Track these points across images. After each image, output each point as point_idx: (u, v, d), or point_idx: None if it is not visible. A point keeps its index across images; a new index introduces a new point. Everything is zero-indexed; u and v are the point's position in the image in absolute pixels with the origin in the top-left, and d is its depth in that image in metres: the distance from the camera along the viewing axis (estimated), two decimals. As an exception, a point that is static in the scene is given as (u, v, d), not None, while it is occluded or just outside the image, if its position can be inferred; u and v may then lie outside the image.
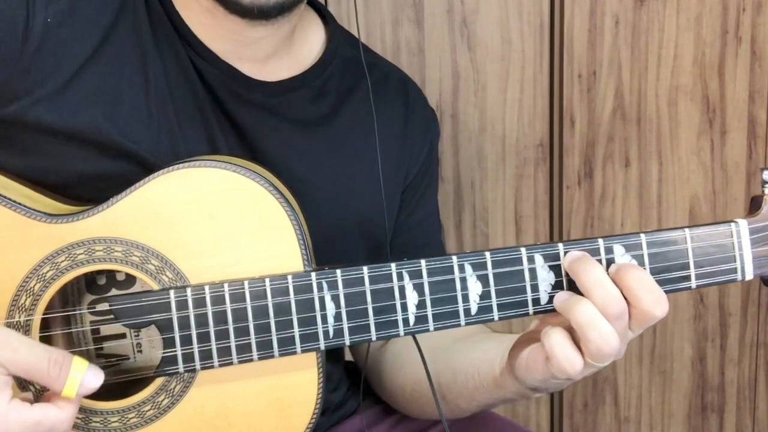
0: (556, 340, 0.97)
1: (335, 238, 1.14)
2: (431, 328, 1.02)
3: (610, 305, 0.96)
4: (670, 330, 2.04)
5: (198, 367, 1.01)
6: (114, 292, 1.10)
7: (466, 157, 1.88)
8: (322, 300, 1.00)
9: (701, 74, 1.90)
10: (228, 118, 1.18)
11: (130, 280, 1.08)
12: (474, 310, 1.02)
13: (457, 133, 1.86)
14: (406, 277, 1.01)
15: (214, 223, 1.01)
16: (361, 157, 1.25)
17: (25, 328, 1.01)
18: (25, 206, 1.01)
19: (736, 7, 1.87)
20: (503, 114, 1.87)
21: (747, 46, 1.90)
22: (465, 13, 1.82)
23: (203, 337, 1.00)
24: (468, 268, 1.01)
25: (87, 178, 1.09)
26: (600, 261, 1.01)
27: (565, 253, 1.01)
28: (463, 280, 1.01)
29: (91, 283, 1.09)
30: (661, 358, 2.05)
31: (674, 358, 2.06)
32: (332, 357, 1.28)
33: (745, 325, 2.06)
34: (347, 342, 1.02)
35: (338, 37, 1.29)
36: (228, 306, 1.00)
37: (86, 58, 1.09)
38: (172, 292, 1.00)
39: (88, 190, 1.08)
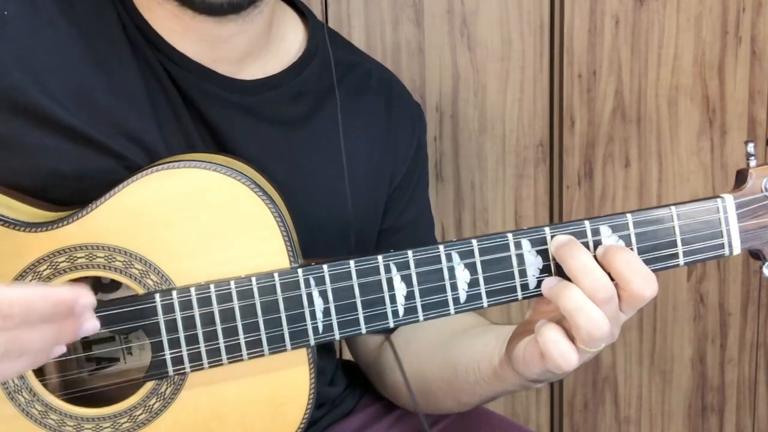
0: (549, 336, 0.97)
1: (315, 239, 1.13)
2: (421, 318, 1.02)
3: (598, 290, 0.96)
4: (670, 330, 2.03)
5: (188, 369, 1.01)
6: (100, 296, 1.08)
7: (466, 157, 1.88)
8: (310, 296, 1.00)
9: (701, 74, 1.90)
10: (203, 119, 1.16)
11: (116, 283, 1.06)
12: (463, 298, 1.01)
13: (457, 133, 1.86)
14: (394, 268, 1.01)
15: (197, 223, 1.00)
16: (340, 157, 1.23)
17: None
18: (3, 216, 1.00)
19: (736, 7, 1.87)
20: (503, 114, 1.87)
21: (747, 46, 1.90)
22: (465, 13, 1.82)
23: (191, 340, 1.00)
24: (455, 256, 1.01)
25: (64, 177, 1.07)
26: (587, 243, 1.00)
27: (552, 237, 1.01)
28: (451, 269, 1.01)
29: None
30: (661, 358, 2.05)
31: (674, 358, 2.05)
32: (324, 351, 1.28)
33: (745, 325, 2.06)
34: (337, 336, 1.01)
35: (318, 35, 1.27)
36: (215, 307, 0.99)
37: (54, 57, 1.08)
38: (157, 295, 0.99)
39: (66, 192, 1.06)
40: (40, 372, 1.04)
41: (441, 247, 1.01)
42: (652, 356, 2.04)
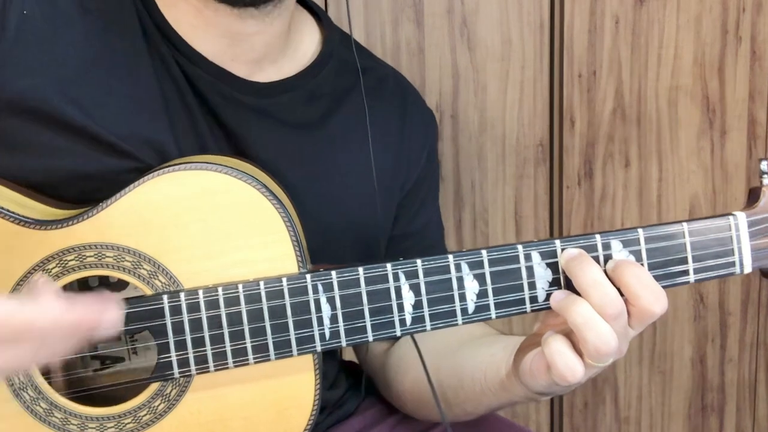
0: (556, 348, 0.96)
1: (329, 243, 1.13)
2: (428, 328, 1.01)
3: (607, 306, 0.95)
4: (670, 330, 2.04)
5: (194, 371, 1.00)
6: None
7: (466, 157, 1.88)
8: (317, 302, 1.00)
9: (701, 74, 1.90)
10: (218, 121, 1.16)
11: (123, 282, 1.06)
12: (471, 309, 1.01)
13: (457, 133, 1.86)
14: (402, 277, 1.00)
15: (206, 226, 1.00)
16: (355, 161, 1.23)
17: None
18: (13, 213, 1.00)
19: (736, 7, 1.87)
20: (503, 114, 1.87)
21: (747, 46, 1.90)
22: (465, 13, 1.81)
23: (198, 342, 0.99)
24: (464, 266, 1.00)
25: (76, 177, 1.07)
26: (597, 257, 1.00)
27: (563, 249, 1.00)
28: (460, 279, 1.00)
29: (83, 285, 1.08)
30: (661, 358, 2.05)
31: (674, 358, 2.06)
32: (326, 355, 1.27)
33: (745, 325, 2.06)
34: (344, 344, 1.01)
35: (334, 39, 1.27)
36: (222, 310, 0.99)
37: (72, 56, 1.08)
38: (165, 297, 0.99)
39: (77, 190, 1.07)
40: (44, 370, 1.04)
41: (450, 257, 1.00)
42: (652, 356, 2.05)
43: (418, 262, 1.00)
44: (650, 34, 1.86)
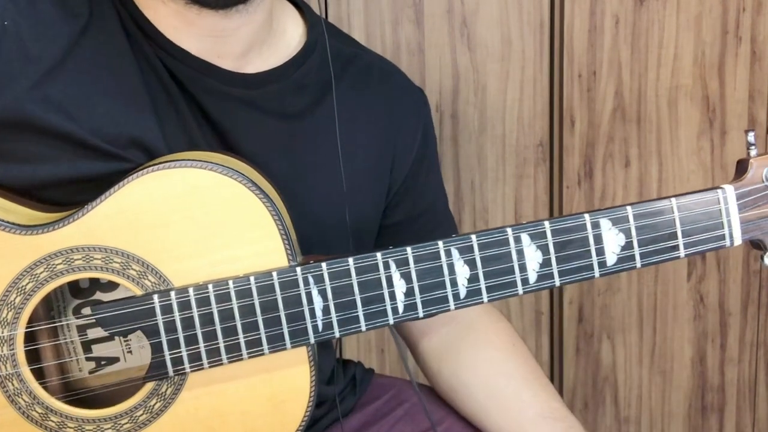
0: None
1: (319, 233, 1.12)
2: (421, 314, 1.02)
3: None
4: (670, 330, 2.03)
5: (188, 369, 1.00)
6: (98, 295, 1.08)
7: (466, 157, 1.88)
8: (309, 295, 1.00)
9: (701, 74, 1.90)
10: (205, 115, 1.15)
11: (114, 283, 1.05)
12: (463, 294, 1.01)
13: (457, 133, 1.86)
14: (393, 265, 1.00)
15: (194, 223, 0.99)
16: (342, 149, 1.23)
17: (9, 343, 1.00)
18: None
19: (736, 7, 1.87)
20: (503, 114, 1.87)
21: (747, 46, 1.90)
22: (465, 13, 1.82)
23: (191, 340, 0.99)
24: (454, 252, 1.01)
25: (61, 181, 1.06)
26: (587, 237, 1.01)
27: (552, 231, 1.01)
28: (450, 265, 1.01)
29: (74, 287, 1.08)
30: (661, 358, 2.05)
31: (674, 358, 2.05)
32: (322, 350, 1.27)
33: (745, 325, 2.06)
34: (337, 335, 1.01)
35: (317, 29, 1.26)
36: (214, 307, 0.99)
37: (55, 61, 1.07)
38: (155, 296, 0.98)
39: (63, 194, 1.06)
40: (39, 374, 1.03)
41: (440, 243, 1.01)
42: (652, 356, 2.04)
43: (408, 249, 1.01)
44: (650, 34, 1.87)
